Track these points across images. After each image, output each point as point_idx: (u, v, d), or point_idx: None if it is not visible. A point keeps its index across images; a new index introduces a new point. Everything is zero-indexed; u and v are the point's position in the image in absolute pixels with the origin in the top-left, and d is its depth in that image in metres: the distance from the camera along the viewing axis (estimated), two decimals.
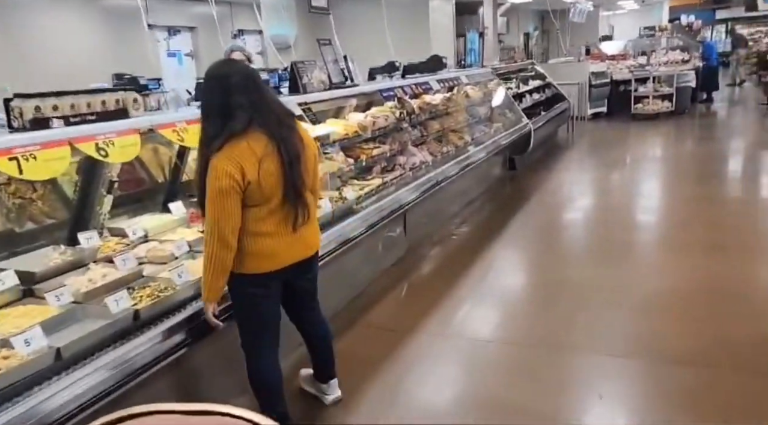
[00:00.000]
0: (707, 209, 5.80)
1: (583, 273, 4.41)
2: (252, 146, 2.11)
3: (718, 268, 4.22)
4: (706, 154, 8.84)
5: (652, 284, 4.04)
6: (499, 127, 7.19)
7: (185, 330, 2.35)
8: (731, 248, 4.62)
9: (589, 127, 12.01)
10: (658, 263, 4.49)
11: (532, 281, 4.48)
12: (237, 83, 2.12)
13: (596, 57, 13.76)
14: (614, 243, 4.99)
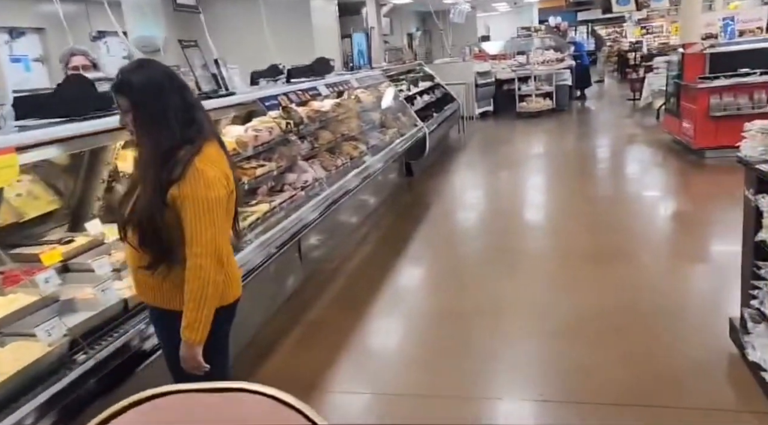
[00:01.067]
0: (604, 211, 5.64)
1: (493, 294, 3.97)
2: (219, 151, 1.86)
3: (629, 282, 3.95)
4: (592, 151, 8.91)
5: (564, 304, 3.67)
6: (394, 132, 6.68)
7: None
8: (634, 256, 4.41)
9: (479, 126, 11.91)
10: (564, 277, 4.15)
11: (442, 310, 3.89)
12: (182, 83, 1.85)
13: (479, 57, 13.76)
14: (519, 256, 4.63)
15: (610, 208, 5.73)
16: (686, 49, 7.36)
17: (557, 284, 4.02)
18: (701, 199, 5.88)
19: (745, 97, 6.65)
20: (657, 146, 8.15)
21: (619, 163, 7.80)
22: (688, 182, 6.56)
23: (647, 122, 10.22)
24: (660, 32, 19.60)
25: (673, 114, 7.96)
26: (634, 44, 14.95)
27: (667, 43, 13.39)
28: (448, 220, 5.94)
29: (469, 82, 12.22)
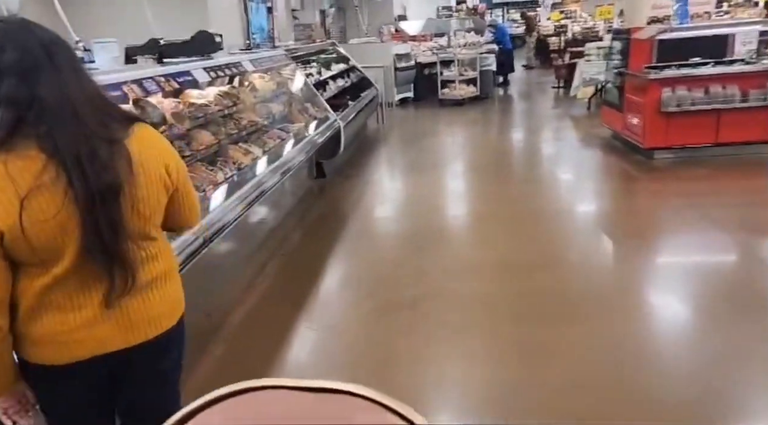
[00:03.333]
0: (540, 224, 4.61)
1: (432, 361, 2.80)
2: (11, 171, 1.26)
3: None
4: (524, 148, 7.96)
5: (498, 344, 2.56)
6: (301, 127, 5.34)
7: None
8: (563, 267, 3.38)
9: (399, 114, 10.73)
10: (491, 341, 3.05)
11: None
12: (9, 60, 1.27)
13: (398, 38, 12.54)
14: (456, 294, 3.49)
15: (548, 227, 4.70)
16: (633, 33, 6.46)
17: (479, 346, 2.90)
18: (655, 215, 4.97)
19: (699, 90, 5.83)
20: (596, 143, 7.28)
21: (559, 165, 6.84)
22: (637, 190, 5.65)
23: (579, 113, 9.42)
24: (575, 17, 19.22)
25: (613, 106, 7.11)
26: (557, 29, 14.26)
27: (591, 28, 12.73)
28: (370, 238, 4.71)
29: (388, 65, 10.97)
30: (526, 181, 5.93)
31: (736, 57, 6.24)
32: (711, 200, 4.94)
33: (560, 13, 17.80)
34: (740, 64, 5.91)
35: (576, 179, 6.12)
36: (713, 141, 5.94)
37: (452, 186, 6.18)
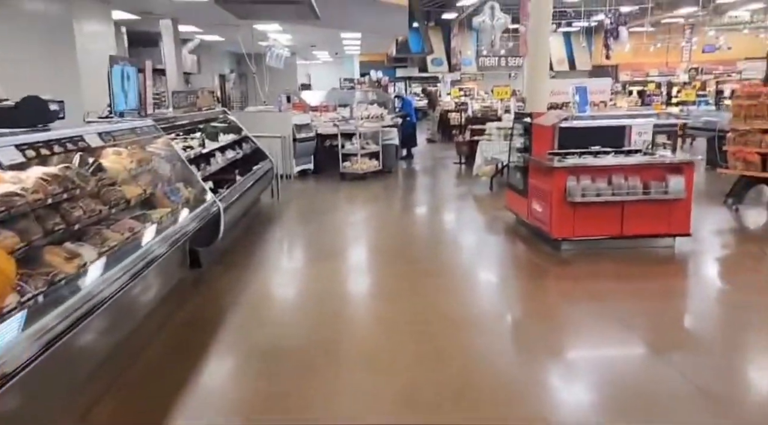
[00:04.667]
0: (449, 337, 3.94)
1: None
2: None
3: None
4: (429, 232, 7.41)
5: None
6: (166, 213, 4.40)
7: None
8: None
9: (297, 188, 9.96)
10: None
11: None
12: None
13: (299, 107, 11.97)
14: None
15: (458, 344, 4.03)
16: (535, 118, 6.21)
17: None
18: (572, 324, 4.45)
19: (603, 180, 5.56)
20: (502, 228, 6.87)
21: (466, 256, 6.29)
22: (551, 290, 5.13)
23: (482, 192, 9.11)
24: (473, 94, 19.78)
25: (517, 191, 6.76)
26: (458, 105, 14.38)
27: (490, 107, 12.86)
28: (246, 356, 3.78)
29: (287, 135, 10.30)
30: (432, 275, 5.28)
31: (633, 147, 6.12)
32: (625, 304, 4.50)
33: (459, 90, 18.19)
34: (640, 156, 5.73)
35: (485, 274, 5.55)
36: (618, 233, 5.65)
37: (351, 282, 5.40)
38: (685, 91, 14.84)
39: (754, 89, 7.04)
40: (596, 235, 5.67)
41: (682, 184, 5.49)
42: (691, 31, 28.04)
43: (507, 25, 12.81)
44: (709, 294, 4.86)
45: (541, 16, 6.36)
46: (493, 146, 9.15)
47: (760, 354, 3.72)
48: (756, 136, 6.91)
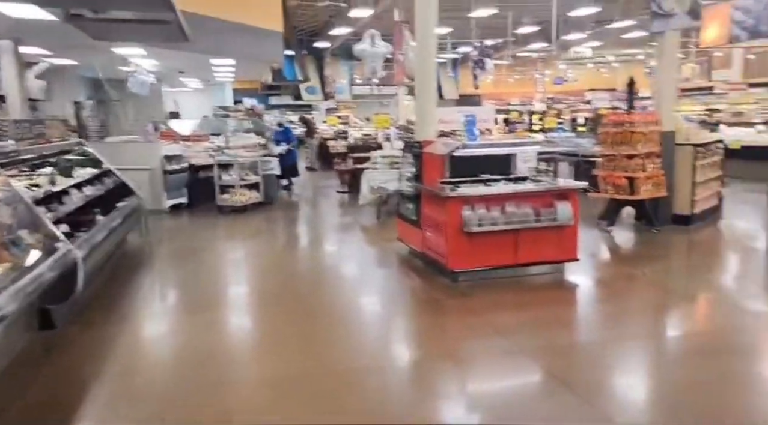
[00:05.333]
0: (343, 396, 3.55)
1: None
2: None
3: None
4: (311, 267, 6.95)
5: None
6: (5, 271, 3.55)
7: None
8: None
9: (169, 225, 9.04)
10: None
11: None
12: None
13: (168, 136, 11.00)
14: None
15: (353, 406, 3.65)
16: (426, 147, 6.05)
17: None
18: (477, 364, 4.23)
19: (497, 209, 5.49)
20: (395, 261, 6.60)
21: (359, 293, 5.93)
22: (451, 326, 4.89)
23: (369, 222, 8.84)
24: (349, 122, 19.75)
25: (410, 221, 6.55)
26: (339, 133, 14.14)
27: (370, 135, 12.76)
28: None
29: (155, 167, 9.36)
30: (324, 319, 4.82)
31: (520, 174, 6.18)
32: (528, 336, 4.37)
33: (338, 118, 18.04)
34: (529, 183, 5.77)
35: (381, 312, 5.20)
36: (513, 261, 5.60)
37: (234, 335, 4.76)
38: (547, 118, 15.87)
39: (620, 118, 7.50)
40: (493, 265, 5.58)
41: (570, 210, 5.58)
42: (542, 65, 30.55)
43: (388, 53, 12.88)
44: (604, 321, 4.89)
45: (427, 45, 6.29)
46: (378, 175, 8.95)
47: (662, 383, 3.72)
48: (623, 162, 7.34)
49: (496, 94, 32.14)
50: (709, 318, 4.93)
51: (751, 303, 5.09)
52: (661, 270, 6.13)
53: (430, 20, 6.28)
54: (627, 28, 22.74)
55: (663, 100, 7.75)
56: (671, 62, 7.85)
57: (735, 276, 6.14)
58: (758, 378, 3.70)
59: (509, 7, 20.77)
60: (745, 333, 4.38)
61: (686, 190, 7.64)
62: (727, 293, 5.47)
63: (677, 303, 5.19)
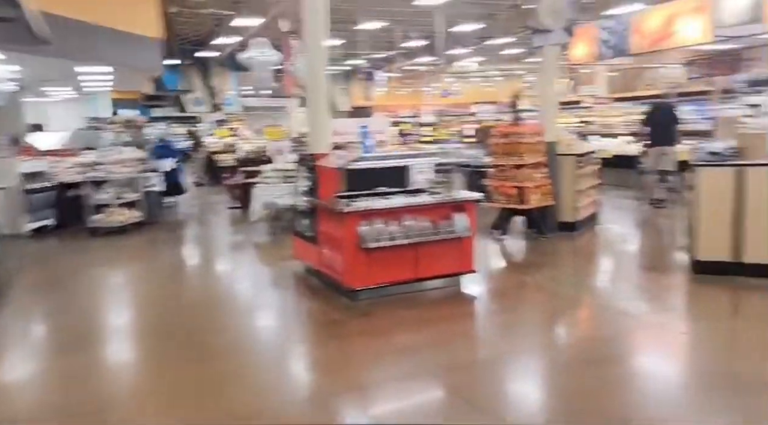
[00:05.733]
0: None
1: None
2: None
3: None
4: (200, 295, 6.41)
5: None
6: None
7: None
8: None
9: (32, 250, 8.01)
10: None
11: None
12: None
13: (28, 152, 9.82)
14: None
15: None
16: (320, 160, 5.78)
17: None
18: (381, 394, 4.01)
19: (395, 223, 5.33)
20: (291, 281, 6.25)
21: (253, 320, 5.49)
22: (354, 350, 4.59)
23: (263, 240, 8.39)
24: (240, 135, 18.96)
25: (305, 238, 6.23)
26: (228, 146, 13.45)
27: (262, 148, 12.24)
28: None
29: (12, 185, 8.27)
30: (216, 356, 4.36)
31: (416, 186, 6.09)
32: (433, 355, 4.23)
33: (229, 130, 17.25)
34: (427, 196, 5.68)
35: (280, 341, 4.83)
36: (413, 276, 5.46)
37: (109, 384, 4.16)
38: (438, 130, 16.22)
39: (507, 129, 7.70)
40: (393, 281, 5.40)
41: (467, 221, 5.55)
42: (430, 78, 31.47)
43: (278, 63, 12.45)
44: (501, 333, 4.87)
45: (317, 56, 6.03)
46: (271, 189, 8.53)
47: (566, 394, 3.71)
48: (512, 172, 7.52)
49: (387, 106, 32.59)
50: (594, 324, 5.04)
51: (632, 307, 5.32)
52: (552, 277, 6.28)
53: (319, 31, 6.04)
54: (506, 44, 23.99)
55: (546, 111, 8.07)
56: (552, 76, 8.20)
57: (615, 279, 6.41)
58: (637, 379, 3.80)
59: (396, 21, 21.15)
60: (625, 338, 4.54)
61: (570, 198, 7.97)
62: (609, 298, 5.65)
63: (566, 311, 5.27)
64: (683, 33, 12.65)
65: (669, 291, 5.76)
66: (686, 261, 6.11)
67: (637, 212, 9.72)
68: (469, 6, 19.51)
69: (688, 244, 6.28)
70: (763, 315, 4.96)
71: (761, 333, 4.51)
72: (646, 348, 4.42)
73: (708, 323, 4.76)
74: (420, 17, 20.80)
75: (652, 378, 3.83)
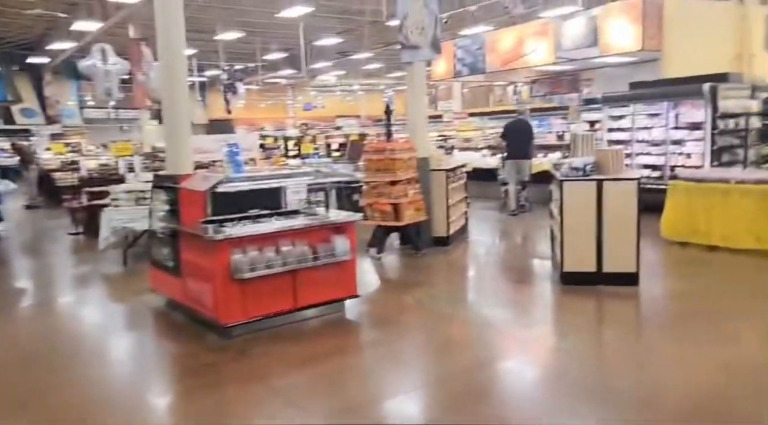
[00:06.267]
0: None
1: None
2: None
3: None
4: (38, 337, 5.42)
5: None
6: None
7: None
8: None
9: None
10: None
11: None
12: None
13: None
14: None
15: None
16: (183, 182, 5.15)
17: None
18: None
19: (271, 249, 4.87)
20: (149, 319, 5.50)
21: (105, 369, 4.70)
22: (228, 401, 4.05)
23: (114, 271, 7.39)
24: (81, 150, 17.04)
25: (166, 269, 5.53)
26: (68, 164, 11.88)
27: (110, 166, 10.99)
28: None
29: None
30: (57, 419, 3.60)
31: (291, 208, 5.68)
32: (322, 399, 3.85)
33: (66, 146, 15.36)
34: (303, 218, 5.29)
35: (139, 399, 4.11)
36: (293, 306, 5.02)
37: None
38: (304, 144, 15.85)
39: (381, 145, 7.56)
40: (271, 313, 4.92)
41: (347, 244, 5.24)
42: (292, 91, 31.01)
43: (125, 72, 11.25)
44: (389, 364, 4.61)
45: (176, 64, 5.38)
46: (122, 213, 7.57)
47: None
48: (387, 188, 7.38)
49: (248, 120, 31.50)
50: (478, 347, 4.98)
51: (511, 324, 5.37)
52: (432, 295, 6.18)
53: (177, 38, 5.41)
54: (367, 59, 24.33)
55: (416, 127, 8.07)
56: (421, 91, 8.23)
57: (491, 294, 6.43)
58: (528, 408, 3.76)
59: (256, 32, 20.48)
60: (508, 359, 4.54)
61: (442, 212, 8.03)
62: (488, 315, 5.60)
63: (451, 333, 5.13)
64: (531, 54, 13.62)
65: (543, 304, 5.90)
66: (553, 272, 6.35)
67: (500, 222, 10.12)
68: (329, 20, 19.50)
69: (554, 256, 6.55)
70: (627, 322, 5.26)
71: (631, 343, 4.75)
72: (530, 367, 4.41)
73: (583, 335, 4.89)
74: (281, 29, 20.34)
75: (539, 401, 3.79)
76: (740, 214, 6.94)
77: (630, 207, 5.71)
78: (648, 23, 11.22)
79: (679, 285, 6.18)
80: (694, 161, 9.38)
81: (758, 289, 5.80)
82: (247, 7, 17.49)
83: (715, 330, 4.67)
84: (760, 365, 4.03)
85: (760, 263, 6.53)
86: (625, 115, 10.42)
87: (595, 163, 5.95)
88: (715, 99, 9.05)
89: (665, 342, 4.56)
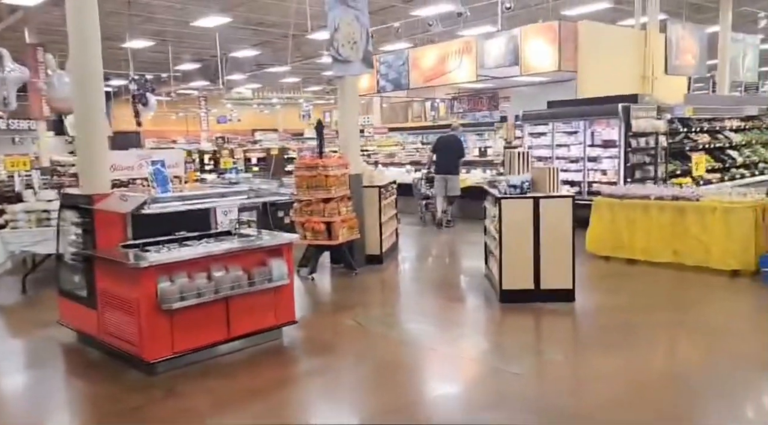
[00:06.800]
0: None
1: None
2: None
3: None
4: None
5: None
6: None
7: None
8: None
9: None
10: None
11: None
12: None
13: None
14: None
15: None
16: (99, 202, 4.62)
17: None
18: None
19: (202, 275, 4.47)
20: (56, 356, 4.91)
21: (5, 415, 4.10)
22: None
23: (12, 300, 6.57)
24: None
25: (77, 298, 4.95)
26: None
27: (4, 182, 9.86)
28: None
29: None
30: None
31: (221, 229, 5.30)
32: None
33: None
34: (236, 240, 4.92)
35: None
36: (226, 336, 4.63)
37: None
38: (224, 159, 15.18)
39: (312, 161, 7.27)
40: (201, 345, 4.50)
41: (285, 267, 4.92)
42: (206, 103, 29.86)
43: (24, 79, 10.22)
44: (333, 396, 4.34)
45: (91, 74, 4.84)
46: (20, 236, 6.78)
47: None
48: (319, 206, 7.10)
49: (157, 132, 29.96)
50: (422, 370, 4.83)
51: (453, 346, 5.26)
52: (371, 317, 5.95)
53: (91, 45, 4.89)
54: (283, 73, 23.91)
55: (349, 142, 7.87)
56: (353, 106, 8.05)
57: (432, 314, 6.29)
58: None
59: (168, 41, 19.56)
60: (452, 386, 4.41)
61: (375, 230, 7.86)
62: (431, 337, 5.47)
63: (393, 357, 4.92)
64: (454, 72, 13.87)
65: (485, 323, 5.81)
66: (491, 290, 6.32)
67: (428, 238, 10.10)
68: (245, 32, 18.98)
69: (490, 273, 6.54)
70: (568, 339, 5.30)
71: (573, 360, 4.77)
72: (476, 391, 4.29)
73: (528, 356, 4.85)
74: (195, 39, 19.56)
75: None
76: (659, 229, 7.29)
77: (566, 224, 5.80)
78: (564, 45, 11.75)
79: (608, 299, 6.33)
80: (609, 177, 9.82)
81: (676, 302, 6.08)
82: (159, 15, 16.66)
83: (647, 343, 4.80)
84: (674, 375, 4.16)
85: (676, 275, 6.86)
86: (545, 133, 10.78)
87: (531, 181, 6.01)
88: (628, 118, 9.55)
89: (610, 358, 4.60)
